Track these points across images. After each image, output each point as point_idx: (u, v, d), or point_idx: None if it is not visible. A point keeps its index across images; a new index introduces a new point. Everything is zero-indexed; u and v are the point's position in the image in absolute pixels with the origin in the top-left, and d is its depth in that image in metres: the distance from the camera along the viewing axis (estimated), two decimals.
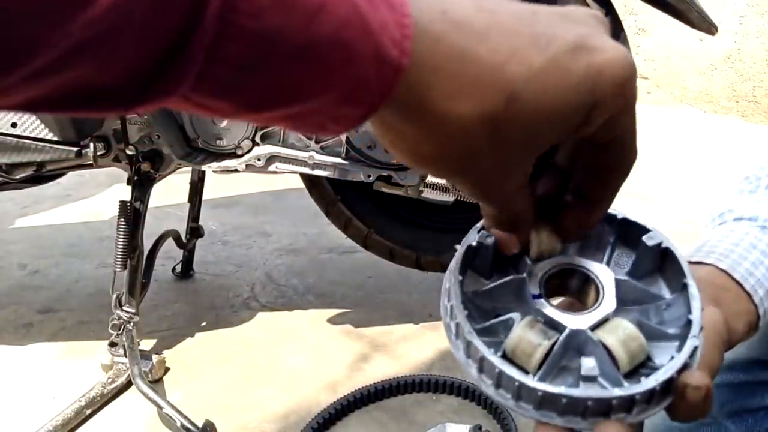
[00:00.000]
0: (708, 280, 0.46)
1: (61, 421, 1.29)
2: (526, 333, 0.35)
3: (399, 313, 1.71)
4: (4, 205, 2.28)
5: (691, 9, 1.34)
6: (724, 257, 0.47)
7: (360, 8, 0.25)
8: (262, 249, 2.05)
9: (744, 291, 0.46)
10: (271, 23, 0.24)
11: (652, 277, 0.39)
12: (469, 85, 0.28)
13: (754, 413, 0.65)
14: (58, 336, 1.62)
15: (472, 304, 0.37)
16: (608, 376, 0.33)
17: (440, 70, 0.27)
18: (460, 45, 0.28)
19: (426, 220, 1.61)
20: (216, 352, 1.56)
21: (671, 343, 0.36)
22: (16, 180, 1.39)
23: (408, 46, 0.26)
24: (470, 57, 0.28)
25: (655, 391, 0.32)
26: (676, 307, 0.37)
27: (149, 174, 1.38)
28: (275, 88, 0.26)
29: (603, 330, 0.35)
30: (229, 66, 0.24)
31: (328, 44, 0.25)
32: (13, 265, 1.94)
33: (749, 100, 3.48)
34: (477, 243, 0.37)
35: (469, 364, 0.34)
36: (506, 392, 0.33)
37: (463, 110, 0.28)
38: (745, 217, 0.52)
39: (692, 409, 0.34)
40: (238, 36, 0.23)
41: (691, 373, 0.34)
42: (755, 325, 0.46)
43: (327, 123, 0.28)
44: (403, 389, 1.42)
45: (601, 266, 0.38)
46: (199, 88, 0.25)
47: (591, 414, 0.32)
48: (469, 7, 0.29)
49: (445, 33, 0.27)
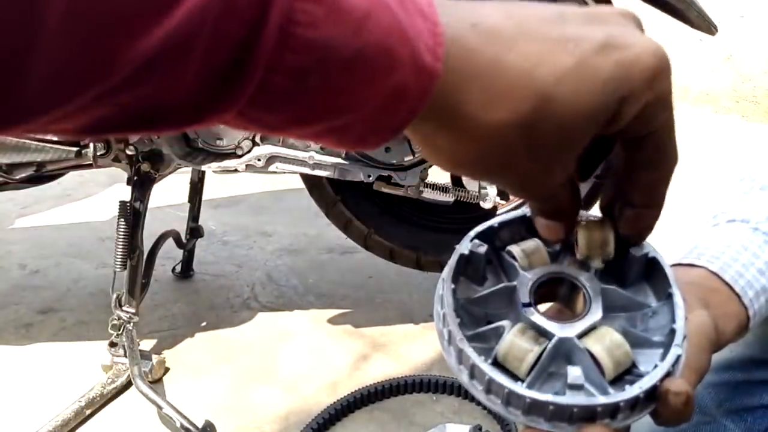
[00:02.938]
0: (698, 281, 0.47)
1: (61, 421, 1.29)
2: (517, 339, 0.36)
3: (399, 313, 1.71)
4: (4, 205, 2.28)
5: (690, 9, 1.34)
6: (715, 259, 0.48)
7: (398, 16, 0.26)
8: (262, 249, 2.05)
9: (734, 293, 0.46)
10: (326, 33, 0.24)
11: (638, 286, 0.40)
12: (502, 93, 0.29)
13: (752, 412, 0.65)
14: (58, 336, 1.62)
15: (465, 310, 0.38)
16: (594, 383, 0.35)
17: (473, 81, 0.28)
18: (491, 55, 0.28)
19: (426, 220, 1.61)
20: (216, 352, 1.57)
21: (656, 351, 0.37)
22: (16, 180, 1.39)
23: (441, 52, 0.27)
24: (501, 66, 0.28)
25: (639, 398, 0.34)
26: (662, 316, 0.38)
27: (149, 174, 1.38)
28: (325, 99, 0.27)
29: (590, 338, 0.36)
30: (287, 77, 0.25)
31: (374, 51, 0.26)
32: (13, 265, 1.94)
33: (749, 100, 3.48)
34: (469, 252, 0.38)
35: (460, 370, 0.35)
36: (496, 398, 0.34)
37: (497, 118, 0.29)
38: (737, 219, 0.52)
39: (674, 414, 0.35)
40: (296, 46, 0.24)
41: (673, 381, 0.35)
42: (745, 327, 0.47)
43: (368, 134, 0.29)
44: (403, 389, 1.42)
45: (589, 275, 0.39)
46: (257, 100, 0.25)
47: (577, 420, 0.33)
48: (497, 15, 0.29)
49: (476, 45, 0.28)
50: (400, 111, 0.28)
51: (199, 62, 0.23)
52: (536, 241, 0.40)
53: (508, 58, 0.28)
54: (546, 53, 0.29)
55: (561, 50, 0.29)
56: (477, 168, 0.32)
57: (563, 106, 0.29)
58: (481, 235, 0.39)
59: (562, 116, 0.29)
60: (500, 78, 0.28)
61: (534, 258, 0.39)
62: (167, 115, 0.25)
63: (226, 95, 0.25)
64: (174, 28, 0.22)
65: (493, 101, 0.28)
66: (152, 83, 0.23)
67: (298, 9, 0.23)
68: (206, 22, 0.22)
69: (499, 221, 0.40)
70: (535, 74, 0.29)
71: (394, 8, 0.26)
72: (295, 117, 0.27)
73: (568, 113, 0.29)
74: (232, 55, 0.23)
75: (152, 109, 0.24)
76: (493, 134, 0.29)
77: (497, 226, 0.40)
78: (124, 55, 0.22)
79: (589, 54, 0.29)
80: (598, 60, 0.29)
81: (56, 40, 0.20)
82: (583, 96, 0.29)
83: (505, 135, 0.29)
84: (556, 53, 0.29)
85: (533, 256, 0.39)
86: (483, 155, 0.31)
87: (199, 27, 0.22)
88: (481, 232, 0.40)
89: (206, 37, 0.22)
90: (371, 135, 0.29)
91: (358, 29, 0.25)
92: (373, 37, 0.25)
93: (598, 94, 0.29)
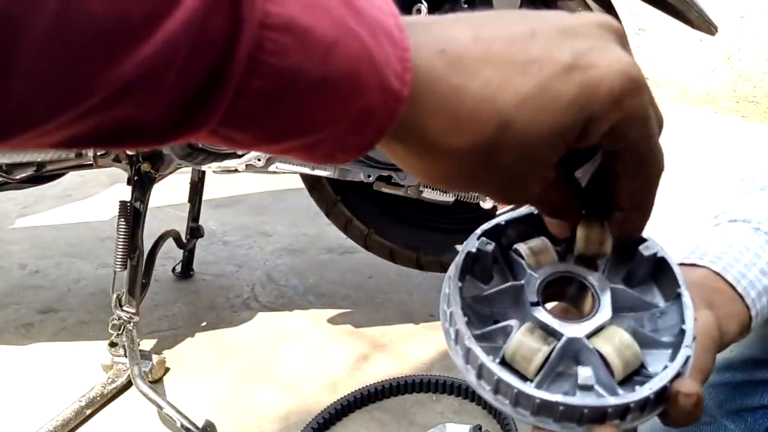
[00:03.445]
0: (701, 282, 0.47)
1: (61, 421, 1.29)
2: (526, 338, 0.35)
3: (399, 313, 1.71)
4: (4, 205, 2.28)
5: (691, 9, 1.34)
6: (718, 259, 0.48)
7: (367, 44, 0.27)
8: (263, 249, 2.05)
9: (736, 293, 0.47)
10: (292, 60, 0.26)
11: (647, 285, 0.40)
12: (463, 119, 0.29)
13: (753, 412, 0.65)
14: (58, 336, 1.62)
15: (471, 309, 0.37)
16: (603, 383, 0.34)
17: (438, 107, 0.29)
18: (455, 83, 0.29)
19: (426, 220, 1.61)
20: (216, 352, 1.57)
21: (664, 351, 0.37)
22: (16, 180, 1.39)
23: (408, 78, 0.28)
24: (464, 93, 0.29)
25: (648, 399, 0.34)
26: (670, 316, 0.38)
27: (149, 174, 1.38)
28: (294, 120, 0.28)
29: (599, 338, 0.36)
30: (255, 100, 0.26)
31: (340, 77, 0.27)
32: (13, 265, 1.94)
33: (749, 100, 3.48)
34: (476, 250, 0.38)
35: (468, 370, 0.35)
36: (504, 398, 0.34)
37: (459, 142, 0.30)
38: (739, 219, 0.52)
39: (684, 415, 0.35)
40: (264, 73, 0.25)
41: (683, 382, 0.35)
42: (747, 326, 0.47)
43: (336, 152, 0.30)
44: (403, 389, 1.42)
45: (597, 274, 0.38)
46: (226, 122, 0.27)
47: (586, 420, 0.33)
48: (466, 38, 0.30)
49: (442, 73, 0.29)
50: (368, 131, 0.29)
51: (172, 86, 0.24)
52: (544, 240, 0.39)
53: (472, 85, 0.29)
54: (508, 78, 0.29)
55: (522, 75, 0.30)
56: (450, 183, 0.33)
57: (524, 130, 0.30)
58: (488, 233, 0.39)
59: (522, 140, 0.30)
60: (463, 104, 0.29)
61: (541, 257, 0.39)
62: (141, 133, 0.26)
63: (198, 116, 0.26)
64: (150, 55, 0.23)
65: (455, 127, 0.30)
66: (128, 105, 0.24)
67: (266, 38, 0.25)
68: (180, 49, 0.23)
69: (506, 219, 0.40)
70: (495, 100, 0.29)
71: (363, 36, 0.27)
72: (264, 136, 0.28)
73: (529, 137, 0.30)
74: (204, 80, 0.25)
75: (127, 128, 0.25)
76: (457, 157, 0.30)
77: (504, 224, 0.40)
78: (101, 79, 0.23)
79: (552, 76, 0.30)
80: (561, 82, 0.30)
81: (35, 64, 0.21)
82: (544, 119, 0.30)
83: (469, 158, 0.30)
84: (517, 78, 0.29)
85: (541, 255, 0.39)
86: (452, 173, 0.32)
87: (173, 53, 0.23)
88: (488, 230, 0.39)
89: (179, 63, 0.24)
90: (339, 152, 0.30)
91: (326, 57, 0.26)
92: (340, 64, 0.26)
93: (561, 116, 0.30)
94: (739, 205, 0.54)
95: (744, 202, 0.54)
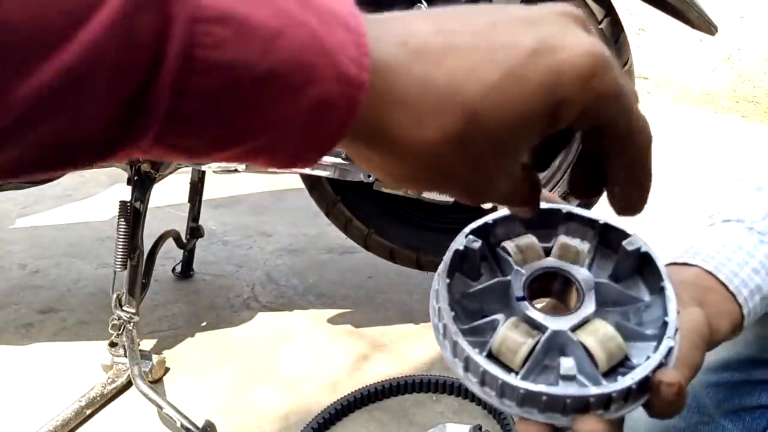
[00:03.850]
0: (693, 280, 0.47)
1: (61, 421, 1.29)
2: (511, 332, 0.36)
3: (399, 313, 1.71)
4: (4, 205, 2.28)
5: (691, 9, 1.34)
6: (710, 258, 0.49)
7: (316, 31, 0.26)
8: (262, 249, 2.05)
9: (728, 291, 0.47)
10: (233, 53, 0.24)
11: (632, 280, 0.41)
12: (430, 111, 0.29)
13: (750, 412, 0.66)
14: (58, 336, 1.62)
15: (460, 305, 0.39)
16: (587, 375, 0.35)
17: (402, 101, 0.28)
18: (419, 75, 0.28)
19: (426, 220, 1.61)
20: (216, 352, 1.57)
21: (649, 344, 0.37)
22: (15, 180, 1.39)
23: (366, 63, 0.27)
24: (429, 84, 0.28)
25: (631, 389, 0.34)
26: (654, 309, 0.39)
27: (149, 174, 1.39)
28: (244, 119, 0.26)
29: (583, 331, 0.37)
30: (196, 100, 0.24)
31: (288, 68, 0.25)
32: (13, 265, 1.94)
33: (749, 100, 3.48)
34: (464, 247, 0.39)
35: (455, 363, 0.36)
36: (490, 390, 0.35)
37: (426, 136, 0.29)
38: (732, 219, 0.53)
39: (667, 404, 0.35)
40: (201, 69, 0.24)
41: (665, 372, 0.35)
42: (739, 325, 0.48)
43: (301, 152, 0.29)
44: (403, 389, 1.42)
45: (582, 270, 0.39)
46: (170, 127, 0.25)
47: (570, 410, 0.34)
48: (427, 31, 0.29)
49: (405, 65, 0.28)
50: (329, 124, 0.27)
51: (103, 94, 0.23)
52: (530, 237, 0.41)
53: (436, 76, 0.28)
54: (473, 67, 0.29)
55: (488, 62, 0.29)
56: (417, 184, 0.32)
57: (491, 119, 0.29)
58: (475, 231, 0.40)
59: (492, 129, 0.29)
60: (428, 96, 0.28)
61: (528, 253, 0.40)
62: (81, 149, 0.24)
63: (137, 124, 0.24)
64: (69, 64, 0.21)
65: (421, 120, 0.29)
66: (60, 119, 0.23)
67: (200, 32, 0.23)
68: (104, 55, 0.22)
69: (493, 218, 0.41)
70: (462, 90, 0.29)
71: (312, 23, 0.26)
72: (215, 140, 0.27)
73: (497, 126, 0.29)
74: (137, 85, 0.23)
75: (66, 146, 0.24)
76: (424, 152, 0.29)
77: (492, 223, 0.41)
78: (10, 94, 0.21)
79: (518, 63, 0.29)
80: (526, 68, 0.29)
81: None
82: (512, 107, 0.29)
83: (437, 152, 0.29)
84: (483, 65, 0.29)
85: (527, 252, 0.40)
86: (419, 172, 0.31)
87: (98, 57, 0.22)
88: (476, 229, 0.40)
89: (108, 67, 0.22)
90: (305, 152, 0.29)
91: (269, 47, 0.25)
92: (285, 54, 0.25)
93: (529, 102, 0.29)
94: (733, 205, 0.54)
95: (738, 202, 0.55)
